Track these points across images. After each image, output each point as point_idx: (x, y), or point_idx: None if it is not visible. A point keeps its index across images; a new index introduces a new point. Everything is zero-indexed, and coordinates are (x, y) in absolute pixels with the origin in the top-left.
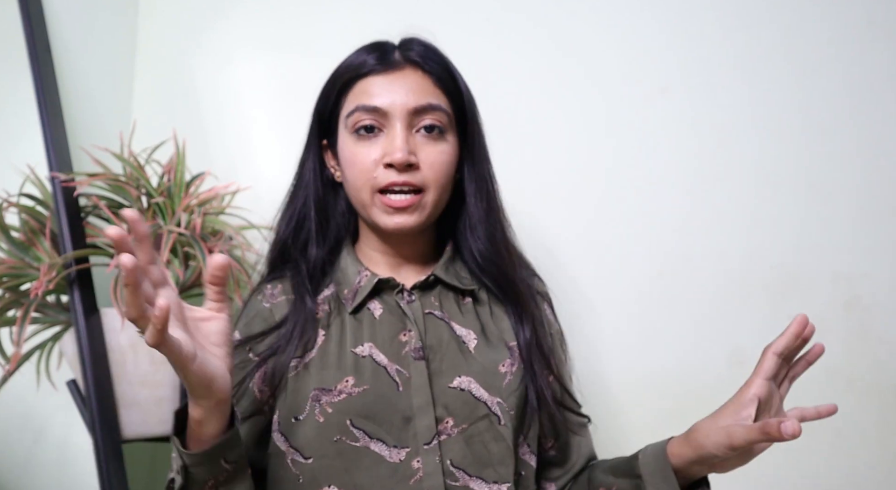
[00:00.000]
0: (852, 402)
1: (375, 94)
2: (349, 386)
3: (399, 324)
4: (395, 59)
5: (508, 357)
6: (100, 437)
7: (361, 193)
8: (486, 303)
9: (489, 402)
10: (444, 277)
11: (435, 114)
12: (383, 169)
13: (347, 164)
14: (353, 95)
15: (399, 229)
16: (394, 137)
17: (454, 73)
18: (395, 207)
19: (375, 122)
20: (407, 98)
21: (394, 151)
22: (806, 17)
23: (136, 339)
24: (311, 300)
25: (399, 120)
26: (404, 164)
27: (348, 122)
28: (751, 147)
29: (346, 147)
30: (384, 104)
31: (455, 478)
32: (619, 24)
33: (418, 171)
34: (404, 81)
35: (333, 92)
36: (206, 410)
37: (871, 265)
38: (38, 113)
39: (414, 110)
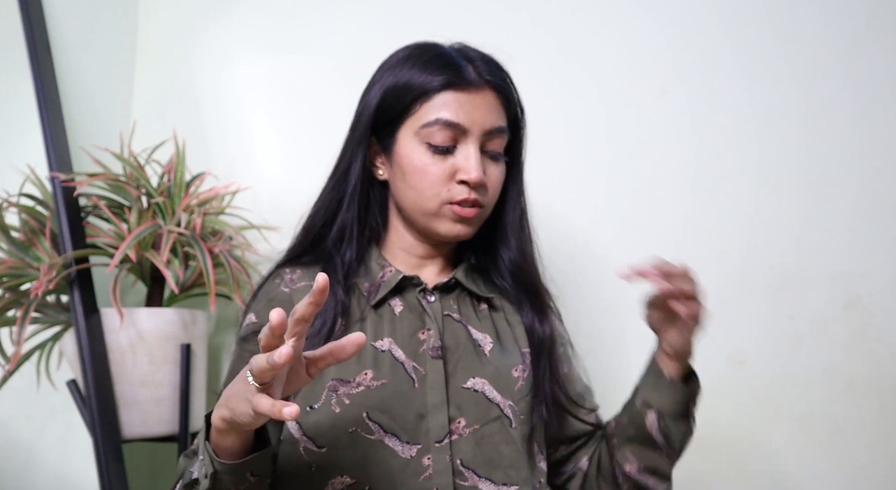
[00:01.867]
0: (852, 402)
1: (457, 111)
2: (368, 379)
3: (418, 322)
4: (473, 78)
5: (521, 363)
6: (100, 437)
7: (429, 203)
8: (501, 310)
9: (502, 405)
10: (465, 282)
11: (502, 137)
12: (456, 184)
13: (416, 173)
14: (429, 107)
15: (458, 237)
16: (469, 156)
17: (517, 94)
18: (463, 216)
19: (451, 141)
20: (485, 119)
21: (470, 170)
22: (806, 17)
23: (136, 339)
24: (343, 293)
25: (475, 139)
26: (478, 185)
27: (422, 132)
28: (751, 147)
29: (414, 156)
30: (466, 122)
31: (464, 477)
32: (619, 24)
33: (484, 190)
34: (483, 101)
35: (405, 97)
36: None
37: (871, 265)
38: (38, 113)
39: (488, 132)
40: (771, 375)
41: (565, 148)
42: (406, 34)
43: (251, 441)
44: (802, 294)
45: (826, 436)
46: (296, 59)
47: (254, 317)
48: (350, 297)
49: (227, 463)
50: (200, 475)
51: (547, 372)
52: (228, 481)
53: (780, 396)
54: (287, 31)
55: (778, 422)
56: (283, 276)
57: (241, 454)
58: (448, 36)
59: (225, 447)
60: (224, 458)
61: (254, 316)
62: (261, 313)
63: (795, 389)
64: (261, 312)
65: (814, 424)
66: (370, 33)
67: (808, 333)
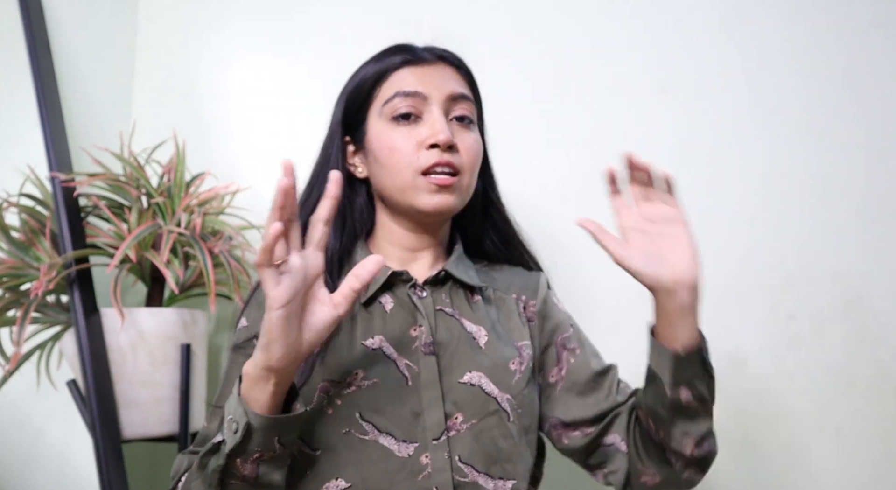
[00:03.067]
0: (852, 402)
1: (413, 82)
2: (359, 379)
3: (410, 318)
4: (426, 55)
5: (517, 356)
6: (100, 437)
7: (403, 176)
8: (495, 302)
9: (499, 398)
10: (456, 273)
11: (467, 103)
12: (426, 150)
13: (385, 150)
14: (388, 86)
15: (438, 208)
16: (434, 121)
17: (474, 77)
18: (440, 185)
19: (414, 109)
20: (443, 85)
21: (437, 132)
22: (807, 17)
23: (136, 339)
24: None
25: (437, 105)
26: (448, 144)
27: (385, 110)
28: (751, 147)
29: (382, 135)
30: (423, 89)
31: (463, 473)
32: (617, 22)
33: (457, 153)
34: (438, 72)
35: (365, 86)
36: (270, 373)
37: (871, 265)
38: (38, 113)
39: (451, 96)
40: (771, 375)
41: (563, 148)
42: (406, 34)
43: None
44: (802, 294)
45: (826, 436)
46: (296, 59)
47: (245, 322)
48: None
49: (261, 415)
50: (229, 433)
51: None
52: (257, 441)
53: (780, 396)
54: (287, 31)
55: (778, 422)
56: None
57: (273, 411)
58: (447, 37)
59: (257, 400)
60: (258, 411)
61: (245, 321)
62: (251, 318)
63: (795, 389)
64: (251, 317)
65: (814, 424)
66: (370, 33)
67: (808, 333)
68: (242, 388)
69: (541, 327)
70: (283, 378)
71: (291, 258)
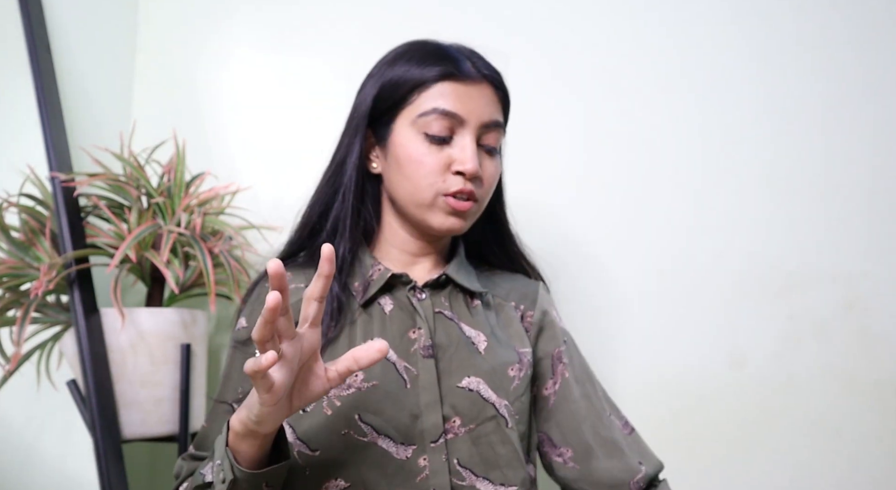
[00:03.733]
0: (852, 402)
1: (455, 101)
2: (358, 380)
3: (409, 321)
4: (471, 71)
5: (517, 362)
6: (100, 437)
7: (423, 193)
8: (495, 307)
9: (497, 404)
10: (456, 277)
11: (498, 132)
12: (452, 175)
13: (411, 163)
14: (427, 96)
15: (450, 230)
16: (465, 147)
17: (509, 96)
18: (457, 210)
19: (448, 131)
20: (482, 111)
21: (466, 161)
22: (816, 16)
23: (136, 339)
24: (339, 288)
25: (471, 130)
26: (474, 176)
27: (419, 121)
28: (752, 147)
29: (410, 146)
30: (463, 112)
31: (462, 477)
32: (623, 18)
33: (479, 182)
34: (481, 94)
35: (402, 88)
36: (251, 433)
37: (872, 265)
38: (38, 113)
39: (485, 124)
40: (771, 375)
41: (565, 146)
42: (406, 34)
43: (269, 451)
44: (802, 294)
45: (826, 436)
46: (296, 59)
47: (244, 322)
48: (344, 295)
49: (246, 471)
50: (217, 480)
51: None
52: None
53: (780, 396)
54: (287, 31)
55: (778, 422)
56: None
57: (259, 463)
58: (449, 34)
59: (245, 453)
60: (244, 466)
61: (244, 321)
62: (251, 317)
63: (795, 389)
64: (251, 316)
65: (814, 424)
66: (370, 33)
67: (808, 333)
68: (230, 440)
69: (537, 338)
70: (270, 434)
71: (283, 348)
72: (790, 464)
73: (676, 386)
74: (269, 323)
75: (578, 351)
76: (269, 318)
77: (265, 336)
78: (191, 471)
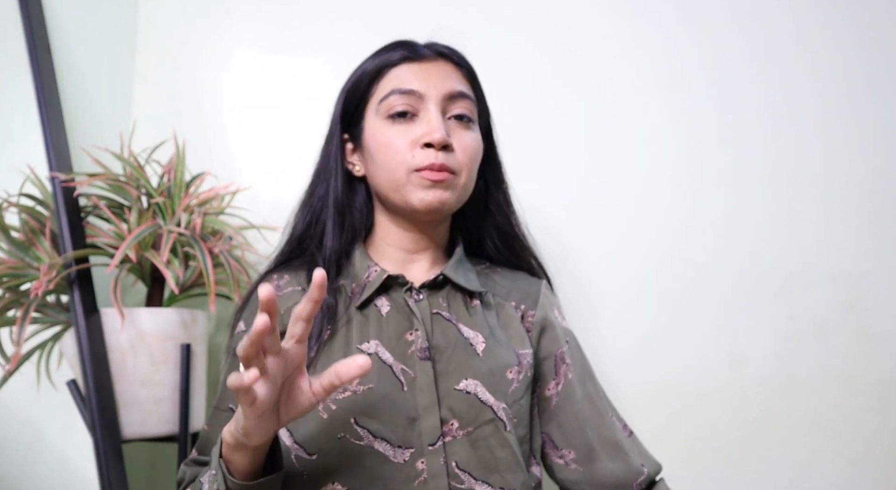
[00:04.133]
0: (852, 402)
1: (411, 79)
2: (354, 383)
3: (406, 322)
4: (425, 52)
5: (516, 364)
6: (100, 437)
7: (396, 173)
8: (495, 307)
9: (495, 407)
10: (454, 277)
11: (466, 102)
12: (420, 149)
13: (380, 147)
14: (385, 82)
15: (432, 204)
16: (430, 119)
17: (476, 74)
18: (433, 180)
19: (410, 107)
20: (441, 83)
21: (432, 131)
22: (816, 16)
23: (136, 339)
24: (331, 295)
25: (434, 103)
26: (442, 144)
27: (381, 107)
28: (752, 147)
29: (378, 132)
30: (420, 87)
31: (460, 480)
32: (624, 21)
33: (453, 153)
34: (437, 70)
35: (363, 83)
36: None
37: (872, 265)
38: (38, 113)
39: (448, 95)
40: (771, 375)
41: (565, 146)
42: (406, 34)
43: (263, 461)
44: (802, 294)
45: (826, 436)
46: (296, 59)
47: (243, 326)
48: (337, 299)
49: (238, 483)
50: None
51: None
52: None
53: (780, 396)
54: (287, 31)
55: (778, 422)
56: (269, 281)
57: (253, 474)
58: (448, 36)
59: (237, 464)
60: (237, 477)
61: (243, 324)
62: (249, 321)
63: (795, 389)
64: (249, 320)
65: (814, 424)
66: (370, 33)
67: (808, 333)
68: (223, 451)
69: (539, 338)
70: (261, 446)
71: (269, 362)
72: (790, 464)
73: (676, 385)
74: (255, 344)
75: (581, 351)
76: (256, 339)
77: (250, 354)
78: (193, 476)
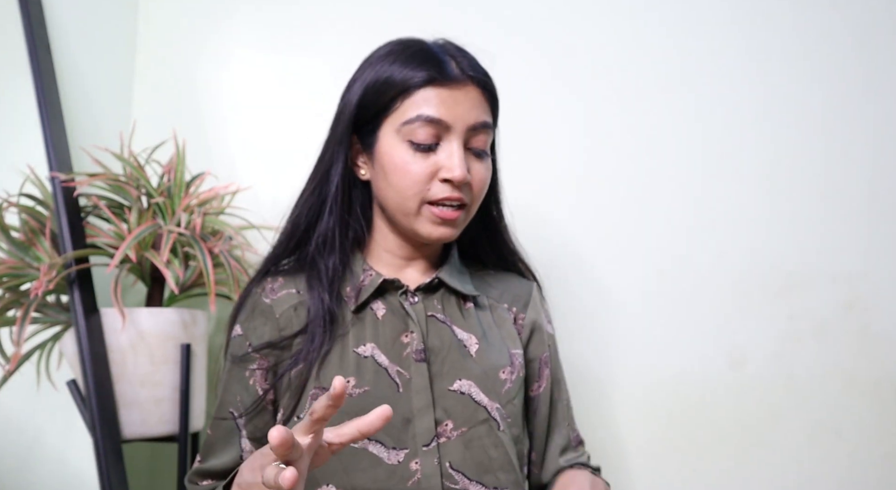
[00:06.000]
0: (853, 402)
1: (439, 106)
2: (349, 387)
3: (401, 325)
4: (456, 73)
5: (509, 364)
6: (100, 437)
7: (410, 202)
8: (489, 308)
9: (489, 408)
10: (449, 281)
11: (487, 133)
12: (439, 183)
13: (397, 171)
14: (410, 103)
15: (440, 239)
16: (452, 154)
17: (497, 95)
18: (444, 219)
19: (434, 138)
20: (468, 115)
21: (454, 169)
22: (815, 17)
23: (136, 339)
24: (329, 300)
25: (458, 136)
26: (462, 183)
27: (403, 129)
28: (752, 147)
29: (395, 154)
30: (449, 118)
31: (454, 480)
32: (624, 21)
33: (469, 188)
34: (466, 97)
35: (386, 94)
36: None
37: (871, 265)
38: (38, 113)
39: (472, 127)
40: (771, 375)
41: (565, 146)
42: (406, 34)
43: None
44: (802, 294)
45: (826, 436)
46: (296, 59)
47: (239, 329)
48: (336, 304)
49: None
50: None
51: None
52: None
53: (780, 396)
54: (287, 31)
55: (778, 421)
56: (264, 285)
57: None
58: (448, 36)
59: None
60: None
61: (239, 329)
62: (245, 326)
63: (795, 389)
64: (245, 325)
65: (814, 424)
66: (370, 33)
67: (808, 333)
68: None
69: (528, 340)
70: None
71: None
72: (790, 463)
73: (676, 386)
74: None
75: (558, 358)
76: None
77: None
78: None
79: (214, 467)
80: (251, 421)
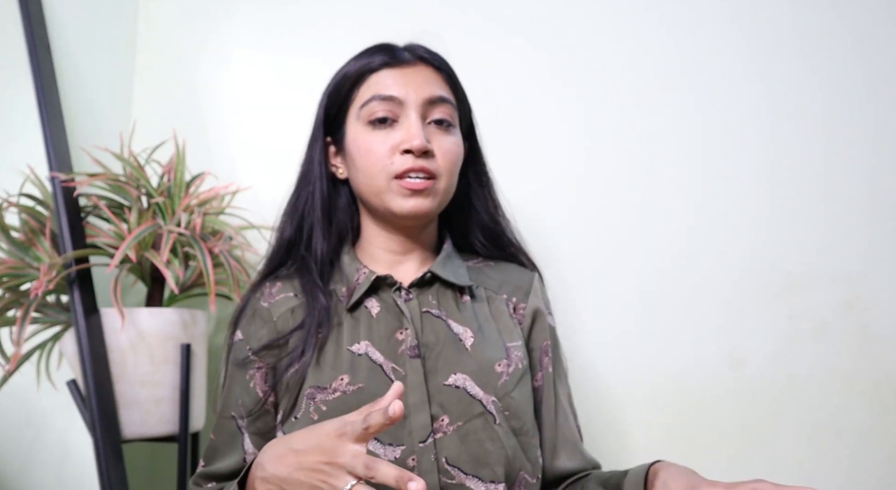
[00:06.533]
0: (853, 402)
1: (391, 85)
2: (343, 384)
3: (396, 322)
4: (406, 56)
5: (505, 357)
6: (100, 437)
7: (377, 180)
8: (485, 301)
9: (484, 401)
10: (442, 274)
11: (446, 106)
12: (400, 155)
13: (361, 153)
14: (366, 88)
15: (414, 212)
16: (409, 125)
17: (457, 77)
18: (413, 190)
19: (390, 113)
20: (421, 89)
21: (411, 138)
22: (816, 16)
23: (136, 339)
24: (324, 296)
25: (414, 109)
26: (422, 151)
27: (362, 113)
28: (752, 148)
29: (359, 138)
30: (400, 94)
31: (450, 475)
32: (624, 21)
33: (433, 158)
34: (417, 74)
35: (344, 87)
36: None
37: (872, 265)
38: (38, 113)
39: (428, 100)
40: (771, 376)
41: (565, 146)
42: (406, 34)
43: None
44: (802, 294)
45: (826, 436)
46: (296, 59)
47: (240, 334)
48: (331, 304)
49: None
50: None
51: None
52: None
53: (781, 396)
54: (287, 31)
55: (778, 421)
56: (262, 290)
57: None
58: (448, 36)
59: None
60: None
61: (240, 334)
62: (246, 331)
63: (795, 389)
64: (246, 330)
65: (814, 424)
66: (370, 33)
67: (808, 333)
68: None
69: (530, 329)
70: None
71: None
72: (791, 463)
73: (676, 386)
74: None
75: (560, 348)
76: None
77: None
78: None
79: (219, 470)
80: (253, 423)
